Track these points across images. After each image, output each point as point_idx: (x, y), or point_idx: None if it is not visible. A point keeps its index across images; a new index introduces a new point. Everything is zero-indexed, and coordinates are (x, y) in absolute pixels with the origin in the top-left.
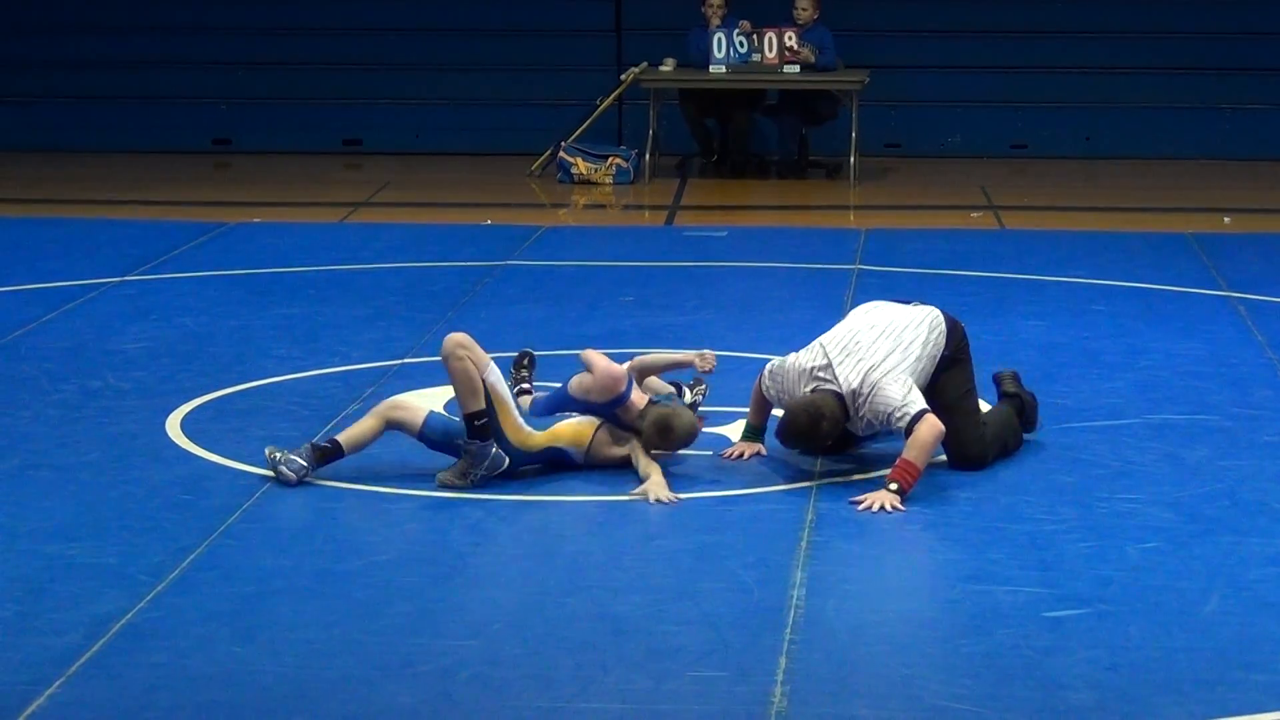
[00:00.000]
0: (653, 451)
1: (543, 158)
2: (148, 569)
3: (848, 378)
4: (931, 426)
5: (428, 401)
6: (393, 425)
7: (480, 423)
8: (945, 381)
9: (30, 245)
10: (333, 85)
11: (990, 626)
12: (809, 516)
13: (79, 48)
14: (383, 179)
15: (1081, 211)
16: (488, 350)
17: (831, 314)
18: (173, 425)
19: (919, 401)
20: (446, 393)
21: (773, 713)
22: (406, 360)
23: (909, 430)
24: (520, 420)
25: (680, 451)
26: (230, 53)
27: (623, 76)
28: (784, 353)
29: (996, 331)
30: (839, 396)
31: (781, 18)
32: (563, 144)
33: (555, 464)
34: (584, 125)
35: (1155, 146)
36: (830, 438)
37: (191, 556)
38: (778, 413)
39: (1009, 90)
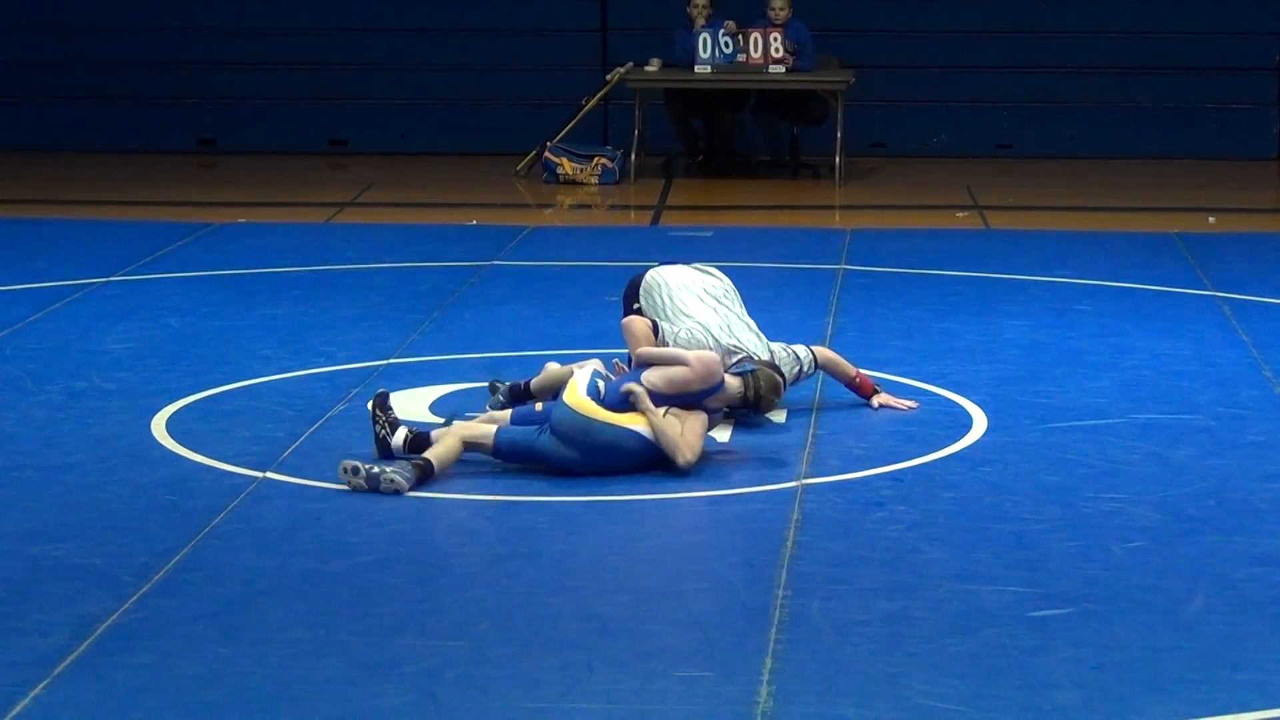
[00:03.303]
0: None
1: (528, 158)
2: (133, 570)
3: (757, 353)
4: (825, 348)
5: (420, 402)
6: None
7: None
8: None
9: (15, 245)
10: (318, 85)
11: (976, 626)
12: (794, 516)
13: (62, 48)
14: (368, 179)
15: (1066, 211)
16: (472, 350)
17: (816, 314)
18: (158, 426)
19: (798, 346)
20: (435, 392)
21: (759, 713)
22: (392, 360)
23: (818, 364)
24: (583, 391)
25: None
26: (215, 53)
27: (608, 76)
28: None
29: (982, 331)
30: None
31: (763, 18)
32: (548, 144)
33: (617, 452)
34: (569, 125)
35: (1140, 146)
36: None
37: (177, 557)
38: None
39: (994, 90)
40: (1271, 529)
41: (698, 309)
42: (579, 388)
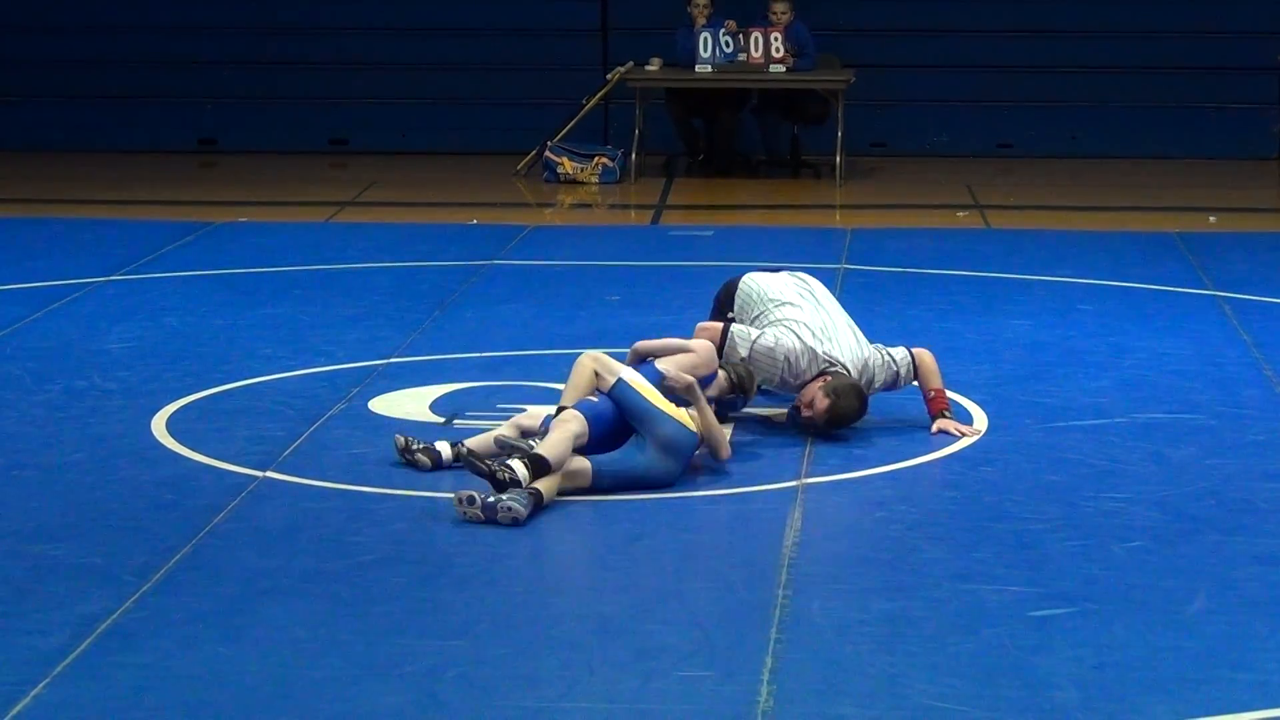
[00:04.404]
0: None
1: (529, 157)
2: (133, 569)
3: (850, 361)
4: (926, 352)
5: (420, 402)
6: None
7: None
8: None
9: (15, 245)
10: (318, 85)
11: (976, 625)
12: (794, 516)
13: (63, 47)
14: (368, 178)
15: (1067, 211)
16: (472, 350)
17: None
18: (158, 425)
19: (897, 349)
20: (435, 392)
21: (759, 712)
22: (393, 360)
23: (916, 372)
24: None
25: None
26: (216, 52)
27: (609, 76)
28: None
29: (982, 331)
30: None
31: (763, 19)
32: (549, 143)
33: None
34: (570, 125)
35: (1141, 146)
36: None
37: (177, 556)
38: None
39: (995, 89)
40: (1272, 529)
41: (797, 314)
42: (657, 392)
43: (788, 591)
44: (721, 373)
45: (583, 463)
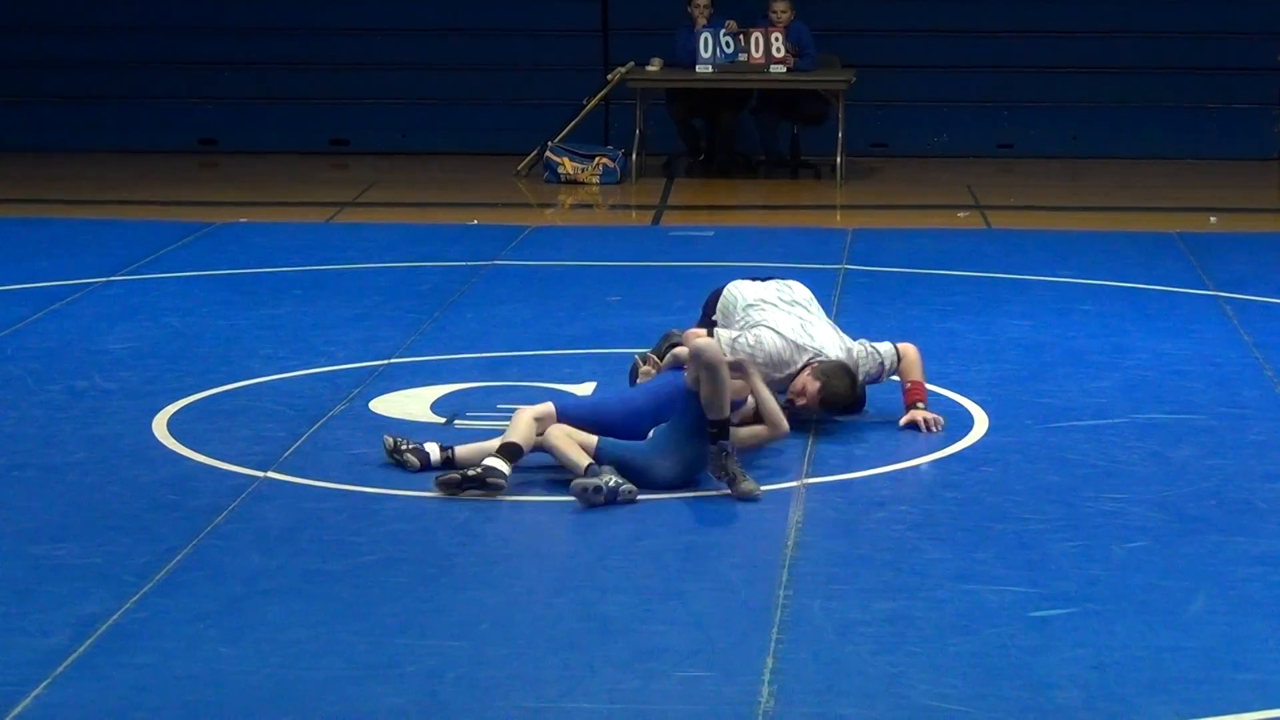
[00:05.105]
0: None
1: (529, 158)
2: (134, 569)
3: (833, 350)
4: (911, 347)
5: (420, 402)
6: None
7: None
8: None
9: (16, 245)
10: (319, 85)
11: (977, 626)
12: (796, 516)
13: (63, 47)
14: (369, 179)
15: (1068, 211)
16: (472, 350)
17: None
18: (159, 425)
19: (883, 343)
20: (435, 392)
21: (760, 712)
22: (393, 360)
23: (899, 364)
24: None
25: None
26: (216, 52)
27: (609, 76)
28: None
29: (983, 331)
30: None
31: (764, 19)
32: (549, 144)
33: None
34: (571, 125)
35: (1141, 146)
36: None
37: (178, 557)
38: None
39: (995, 90)
40: (1273, 529)
41: (774, 314)
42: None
43: (788, 591)
44: (750, 404)
45: (588, 437)
